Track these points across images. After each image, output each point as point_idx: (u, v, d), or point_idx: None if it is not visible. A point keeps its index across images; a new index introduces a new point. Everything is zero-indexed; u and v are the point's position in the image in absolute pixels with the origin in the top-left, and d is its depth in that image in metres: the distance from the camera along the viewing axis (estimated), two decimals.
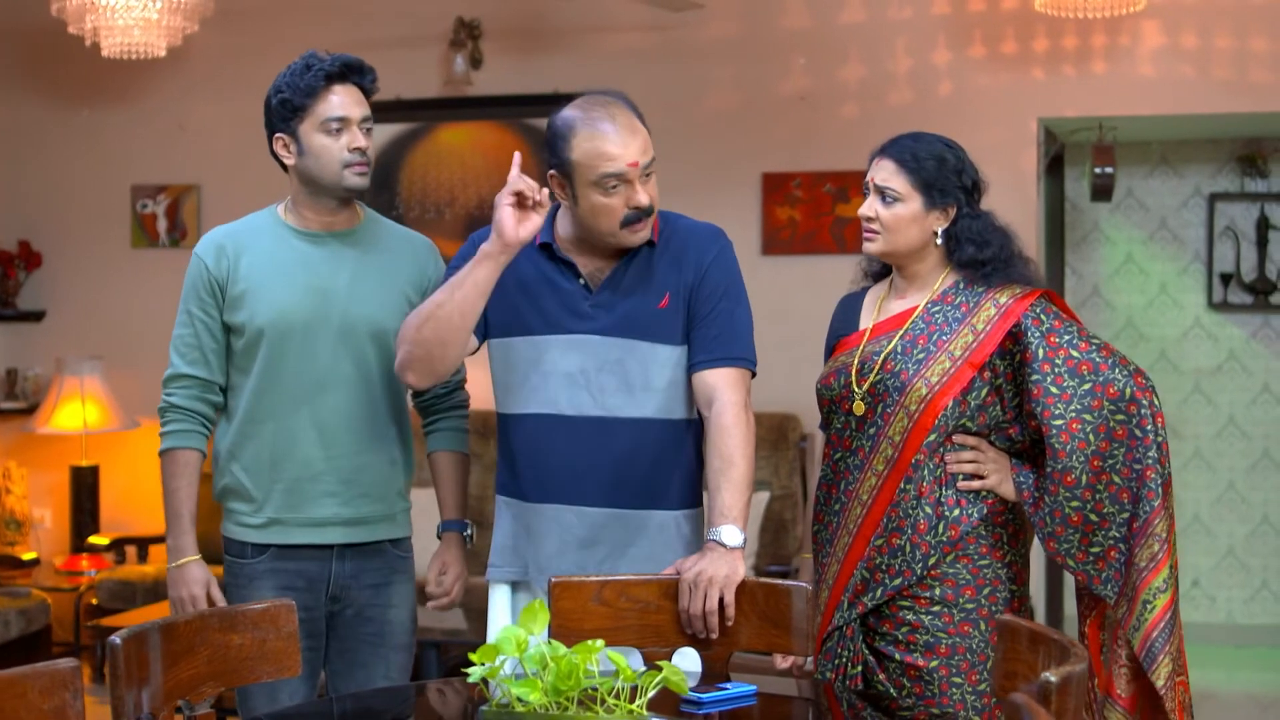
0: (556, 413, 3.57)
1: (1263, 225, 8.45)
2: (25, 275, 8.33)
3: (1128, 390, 3.47)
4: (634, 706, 2.69)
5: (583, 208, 3.51)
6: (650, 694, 2.73)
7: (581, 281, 3.58)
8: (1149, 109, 7.28)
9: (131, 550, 7.88)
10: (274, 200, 3.96)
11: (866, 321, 3.73)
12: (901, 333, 3.62)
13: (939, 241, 3.62)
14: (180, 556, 3.82)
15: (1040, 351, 3.49)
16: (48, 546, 8.15)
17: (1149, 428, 3.47)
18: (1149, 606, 3.43)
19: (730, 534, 3.39)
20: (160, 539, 7.87)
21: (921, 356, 3.57)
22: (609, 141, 3.44)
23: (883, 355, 3.61)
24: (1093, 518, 3.47)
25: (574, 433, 3.56)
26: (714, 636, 3.36)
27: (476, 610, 6.86)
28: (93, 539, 7.79)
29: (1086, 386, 3.47)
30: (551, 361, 3.57)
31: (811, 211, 7.49)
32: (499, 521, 3.71)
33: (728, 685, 3.18)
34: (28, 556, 7.73)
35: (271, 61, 7.91)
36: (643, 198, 3.47)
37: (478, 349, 3.67)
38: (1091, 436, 3.46)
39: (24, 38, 8.27)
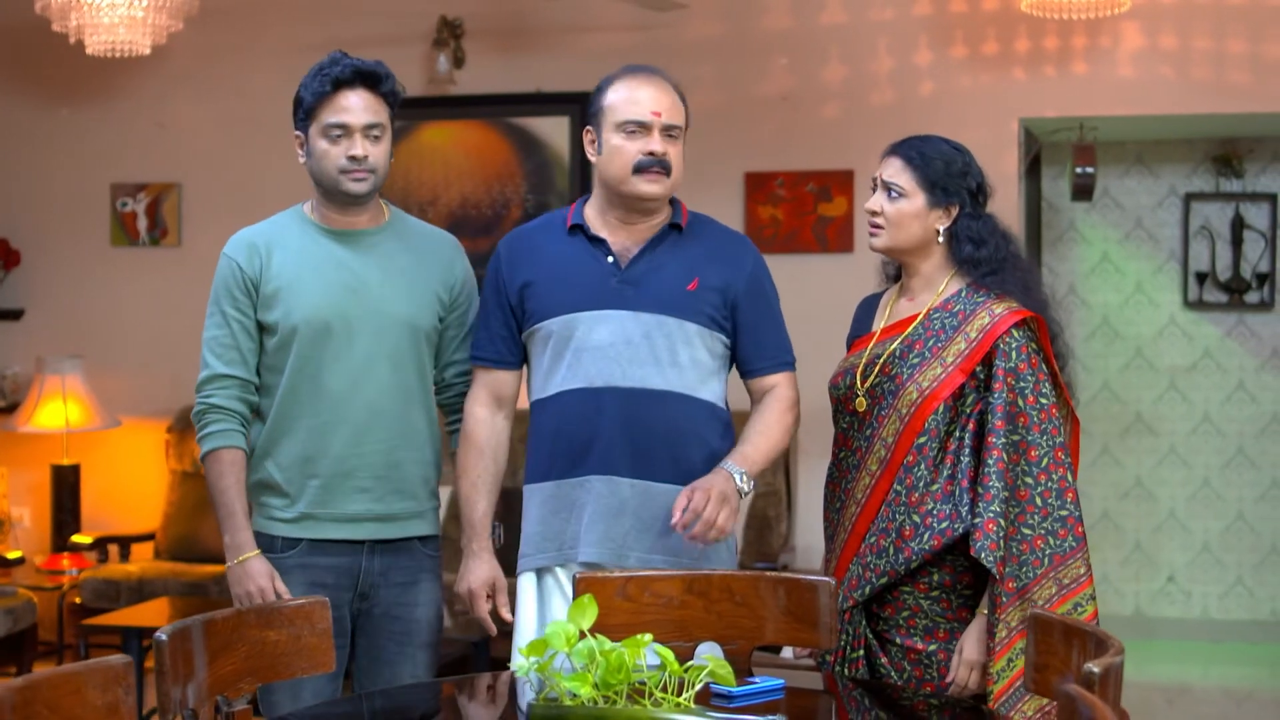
0: (588, 386, 3.67)
1: (1237, 225, 8.52)
2: (4, 273, 8.28)
3: (1044, 460, 3.54)
4: (681, 700, 2.72)
5: (604, 154, 3.71)
6: (697, 687, 2.77)
7: (611, 260, 3.71)
8: (1129, 109, 7.35)
9: (114, 549, 7.85)
10: (255, 199, 3.98)
11: (878, 324, 3.82)
12: (903, 337, 3.71)
13: (941, 240, 3.70)
14: (241, 553, 3.80)
15: (999, 385, 3.55)
16: (26, 546, 8.09)
17: (1050, 500, 3.54)
18: (1011, 665, 3.49)
19: (743, 476, 3.60)
20: (141, 538, 7.89)
21: (916, 361, 3.65)
22: (637, 89, 3.70)
23: (883, 357, 3.69)
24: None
25: (602, 404, 3.66)
26: (700, 540, 3.53)
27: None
28: (75, 538, 7.76)
29: (1015, 438, 3.53)
30: (583, 337, 3.68)
31: (794, 211, 7.53)
32: (527, 513, 3.78)
33: (755, 679, 3.21)
34: (13, 555, 7.69)
35: (253, 60, 8.03)
36: (656, 145, 3.66)
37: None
38: (1001, 484, 3.51)
39: (3, 35, 8.23)
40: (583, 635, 2.71)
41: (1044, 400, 3.56)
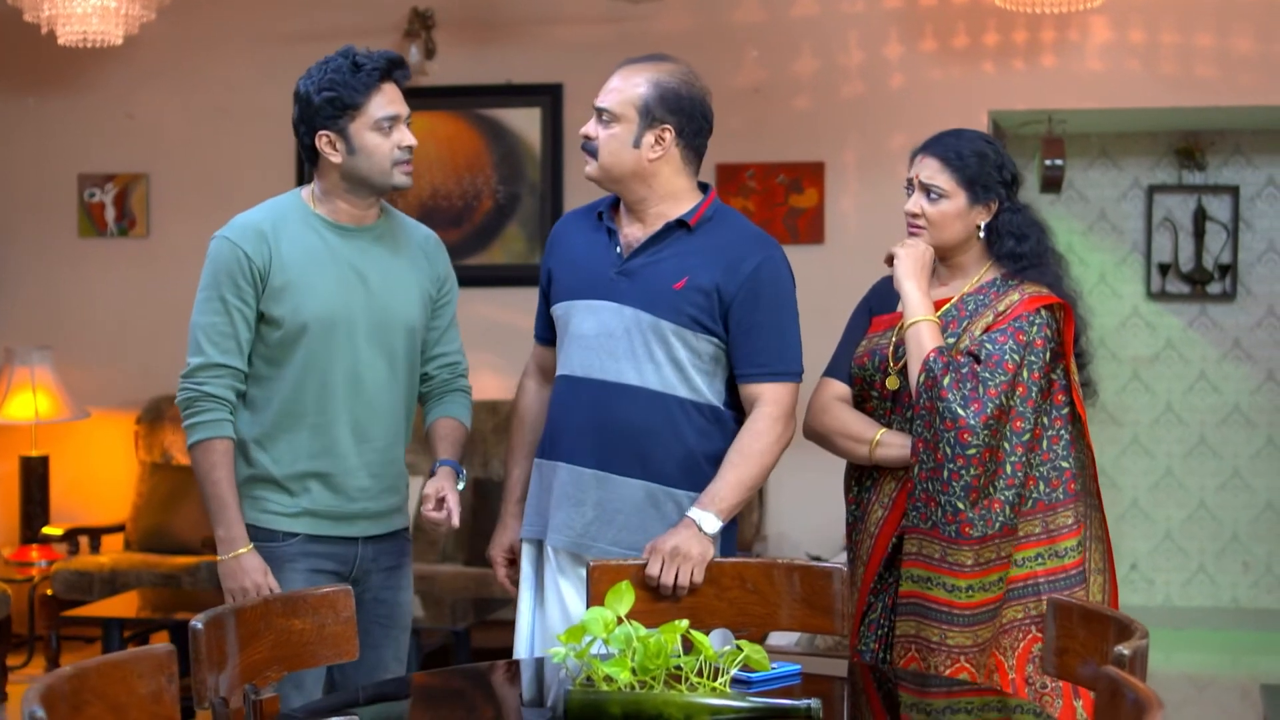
0: (571, 374, 3.75)
1: (1200, 217, 8.63)
2: None
3: (1025, 436, 3.58)
4: (717, 685, 2.75)
5: None
6: (732, 672, 2.80)
7: (618, 250, 3.75)
8: (1096, 102, 7.44)
9: (84, 540, 7.82)
10: (224, 190, 3.92)
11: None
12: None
13: (981, 235, 3.74)
14: (234, 548, 3.73)
15: (1006, 328, 3.61)
16: None
17: (1009, 471, 3.59)
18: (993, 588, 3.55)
19: (709, 521, 3.56)
20: (112, 529, 7.85)
21: (951, 341, 3.67)
22: None
23: None
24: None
25: (577, 393, 3.72)
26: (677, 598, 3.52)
27: (433, 597, 6.92)
28: (46, 529, 7.73)
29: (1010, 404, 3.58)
30: (576, 325, 3.75)
31: (765, 202, 7.58)
32: (530, 484, 3.87)
33: (773, 665, 3.24)
34: None
35: (223, 51, 8.00)
36: (588, 129, 3.76)
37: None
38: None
39: None
40: (620, 621, 2.75)
41: (1040, 383, 3.61)
